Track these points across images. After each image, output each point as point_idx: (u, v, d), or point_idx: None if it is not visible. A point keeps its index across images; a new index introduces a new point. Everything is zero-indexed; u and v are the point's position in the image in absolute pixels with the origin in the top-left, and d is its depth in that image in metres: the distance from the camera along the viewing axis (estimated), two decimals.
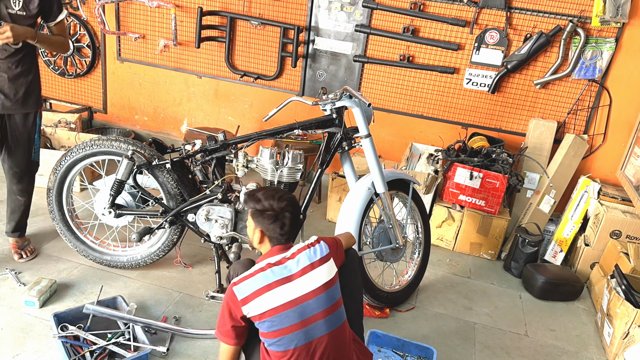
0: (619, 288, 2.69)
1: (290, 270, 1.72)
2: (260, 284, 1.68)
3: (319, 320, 1.69)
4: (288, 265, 1.73)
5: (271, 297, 1.67)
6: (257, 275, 1.70)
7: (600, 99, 3.63)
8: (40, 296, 2.45)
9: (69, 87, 4.92)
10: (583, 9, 3.46)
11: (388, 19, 3.86)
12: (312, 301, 1.69)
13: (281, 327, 1.67)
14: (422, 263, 2.95)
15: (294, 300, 1.68)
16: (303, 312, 1.68)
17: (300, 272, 1.72)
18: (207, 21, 4.22)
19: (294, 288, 1.69)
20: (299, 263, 1.73)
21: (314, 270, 1.73)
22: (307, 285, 1.70)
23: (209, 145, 2.67)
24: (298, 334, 1.67)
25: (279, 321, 1.67)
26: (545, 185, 3.57)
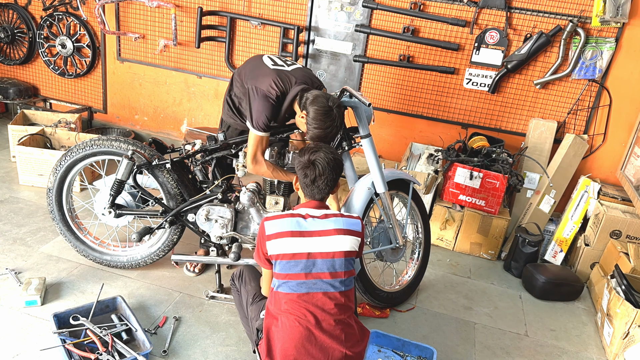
0: (619, 288, 2.69)
1: (315, 227, 1.87)
2: (285, 228, 1.86)
3: (323, 279, 1.84)
4: (315, 223, 1.88)
5: (289, 243, 1.85)
6: (287, 219, 1.88)
7: (600, 99, 3.63)
8: (40, 294, 2.46)
9: (69, 87, 4.92)
10: (583, 9, 3.46)
11: (388, 19, 3.86)
12: (321, 261, 1.85)
13: (289, 272, 1.84)
14: (422, 263, 2.96)
15: (306, 253, 1.85)
16: (311, 266, 1.84)
17: (322, 232, 1.87)
18: (207, 21, 4.22)
19: (311, 243, 1.85)
20: (325, 225, 1.88)
21: (337, 236, 1.87)
22: (324, 245, 1.86)
23: (208, 145, 2.67)
24: (301, 283, 1.84)
25: (289, 267, 1.85)
26: (545, 185, 3.57)
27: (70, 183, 2.80)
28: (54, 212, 2.82)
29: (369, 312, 2.72)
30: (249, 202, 2.55)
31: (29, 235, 3.08)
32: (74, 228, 2.87)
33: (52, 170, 2.75)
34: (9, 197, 3.53)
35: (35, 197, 3.58)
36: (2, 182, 3.73)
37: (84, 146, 2.68)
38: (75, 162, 2.72)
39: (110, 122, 4.94)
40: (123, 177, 2.61)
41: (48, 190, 2.79)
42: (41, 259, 2.86)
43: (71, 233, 2.86)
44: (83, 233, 2.89)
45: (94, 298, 2.42)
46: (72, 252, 2.95)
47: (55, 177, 2.75)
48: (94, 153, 2.68)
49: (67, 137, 4.02)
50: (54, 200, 2.79)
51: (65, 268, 2.81)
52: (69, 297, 2.57)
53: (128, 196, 2.79)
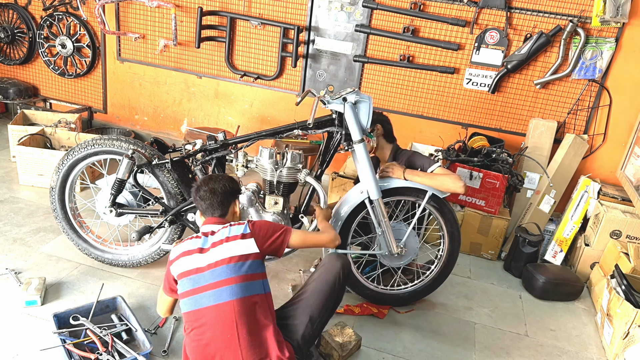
0: (619, 288, 2.69)
1: (206, 243, 1.94)
2: (184, 249, 1.95)
3: (207, 291, 1.85)
4: (209, 238, 1.95)
5: (186, 262, 1.92)
6: (187, 241, 1.98)
7: (600, 99, 3.63)
8: (40, 294, 2.46)
9: (69, 87, 4.92)
10: (583, 9, 3.46)
11: (388, 19, 3.86)
12: (207, 273, 1.87)
13: (181, 291, 1.92)
14: (436, 280, 2.80)
15: (192, 270, 1.90)
16: (197, 281, 1.88)
17: (211, 245, 1.92)
18: (207, 21, 4.22)
19: (202, 258, 1.90)
20: (216, 237, 1.94)
21: (222, 245, 1.91)
22: (211, 258, 1.90)
23: (208, 145, 2.67)
24: (189, 300, 1.88)
25: (181, 285, 1.92)
26: (545, 185, 3.57)
27: (72, 182, 2.82)
28: (57, 211, 2.84)
29: (366, 310, 2.72)
30: (248, 202, 2.54)
31: (29, 235, 3.08)
32: (76, 226, 2.89)
33: (55, 169, 2.77)
34: (9, 197, 3.53)
35: (35, 197, 3.57)
36: (2, 182, 3.73)
37: (86, 145, 2.69)
38: (78, 161, 2.74)
39: (110, 122, 4.94)
40: (123, 176, 2.62)
41: (51, 188, 2.80)
42: (41, 259, 2.86)
43: (74, 231, 2.88)
44: (85, 231, 2.91)
45: (94, 298, 2.42)
46: (72, 252, 2.95)
47: (58, 176, 2.77)
48: (95, 152, 2.70)
49: (67, 137, 4.02)
50: (57, 199, 2.81)
51: (65, 268, 2.81)
52: (69, 297, 2.57)
53: (129, 195, 2.82)
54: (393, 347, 2.51)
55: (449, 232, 2.68)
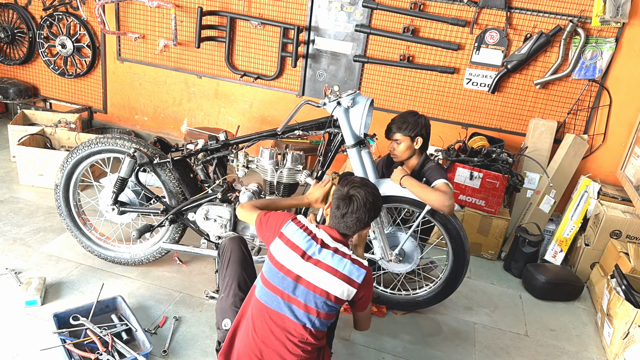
0: (619, 288, 2.69)
1: (315, 254, 1.80)
2: (294, 238, 1.83)
3: (296, 307, 1.80)
4: (321, 251, 1.81)
5: (286, 252, 1.82)
6: (303, 232, 1.84)
7: (600, 99, 3.63)
8: (40, 294, 2.46)
9: (69, 87, 4.92)
10: (583, 9, 3.46)
11: (388, 19, 3.86)
12: (305, 289, 1.79)
13: (272, 280, 1.83)
14: (438, 294, 2.69)
15: (296, 275, 1.80)
16: (293, 288, 1.80)
17: (317, 260, 1.80)
18: (207, 21, 4.22)
19: (303, 266, 1.80)
20: (329, 259, 1.80)
21: (330, 275, 1.78)
22: (312, 275, 1.79)
23: (210, 145, 2.67)
24: (277, 298, 1.81)
25: (274, 275, 1.83)
26: (545, 185, 3.57)
27: (76, 179, 2.86)
28: (61, 208, 2.88)
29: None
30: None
31: (29, 235, 3.08)
32: (80, 224, 2.92)
33: (60, 166, 2.81)
34: (9, 197, 3.53)
35: (35, 197, 3.57)
36: (2, 182, 3.73)
37: (90, 144, 2.73)
38: (82, 160, 2.77)
39: (110, 122, 4.94)
40: (125, 175, 2.64)
41: (55, 186, 2.84)
42: (41, 259, 2.86)
43: (77, 229, 2.92)
44: (89, 229, 2.94)
45: (94, 298, 2.42)
46: (72, 252, 2.95)
47: (62, 174, 2.81)
48: (99, 151, 2.73)
49: (67, 137, 4.02)
50: (61, 197, 2.85)
51: (65, 268, 2.81)
52: (69, 297, 2.57)
53: (132, 194, 2.85)
54: (393, 347, 2.51)
55: (453, 249, 2.54)
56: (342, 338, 2.52)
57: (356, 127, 2.40)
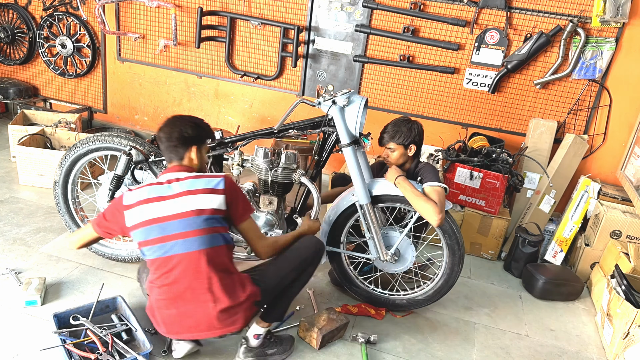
0: (619, 288, 2.69)
1: (169, 192, 1.94)
2: (142, 196, 1.94)
3: (177, 240, 1.90)
4: (172, 187, 1.94)
5: (147, 210, 1.93)
6: (145, 188, 1.96)
7: (600, 99, 3.63)
8: (40, 294, 2.46)
9: (69, 87, 4.92)
10: (583, 9, 3.46)
11: (388, 19, 3.86)
12: (175, 222, 1.90)
13: (146, 238, 1.94)
14: (435, 293, 2.68)
15: (160, 217, 1.92)
16: (164, 229, 1.91)
17: (176, 195, 1.93)
18: (207, 21, 4.22)
19: (164, 207, 1.92)
20: (181, 187, 1.94)
21: (190, 196, 1.92)
22: (177, 207, 1.91)
23: None
24: (159, 247, 1.92)
25: (146, 233, 1.93)
26: (546, 185, 3.57)
27: (75, 176, 2.89)
28: (60, 205, 2.92)
29: (363, 311, 2.72)
30: None
31: (29, 235, 3.08)
32: (78, 220, 2.97)
33: (58, 164, 2.86)
34: (9, 197, 3.53)
35: (35, 197, 3.57)
36: (2, 182, 3.73)
37: (87, 141, 2.77)
38: (80, 157, 2.82)
39: (110, 122, 4.94)
40: (121, 173, 2.67)
41: (54, 182, 2.88)
42: (41, 259, 2.86)
43: (76, 225, 2.97)
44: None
45: (94, 298, 2.42)
46: (72, 252, 2.95)
47: (61, 171, 2.85)
48: (97, 148, 2.78)
49: (67, 137, 4.02)
50: (60, 193, 2.89)
51: (65, 268, 2.81)
52: (69, 297, 2.57)
53: None
54: (393, 347, 2.51)
55: (448, 245, 2.53)
56: (342, 338, 2.52)
57: (352, 125, 2.41)
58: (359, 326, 2.63)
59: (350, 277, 2.77)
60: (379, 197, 2.52)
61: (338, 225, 2.64)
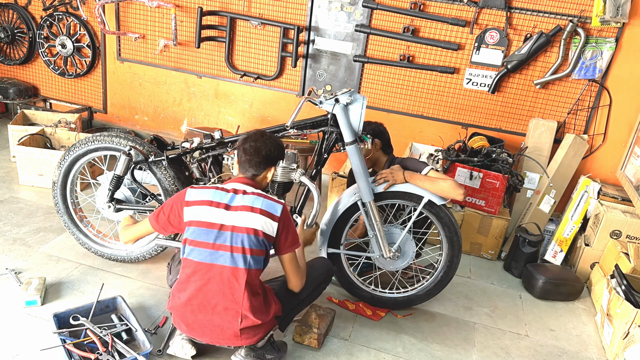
0: (619, 288, 2.69)
1: (232, 201, 1.99)
2: (206, 197, 1.99)
3: (225, 252, 1.95)
4: (236, 198, 1.99)
5: (207, 212, 1.97)
6: (210, 189, 2.01)
7: (600, 99, 3.63)
8: (40, 294, 2.46)
9: (69, 87, 4.92)
10: (583, 9, 3.46)
11: (388, 19, 3.86)
12: (229, 234, 1.95)
13: (196, 238, 1.97)
14: (436, 286, 2.72)
15: (216, 224, 1.96)
16: (217, 237, 1.96)
17: (237, 207, 1.98)
18: (207, 21, 4.22)
19: (223, 215, 1.97)
20: (244, 200, 1.99)
21: (250, 213, 1.96)
22: (235, 220, 1.96)
23: (205, 143, 2.68)
24: (205, 251, 1.96)
25: (198, 233, 1.97)
26: (546, 185, 3.56)
27: (74, 177, 2.89)
28: (59, 205, 2.91)
29: (360, 310, 2.72)
30: None
31: (29, 235, 3.08)
32: (77, 221, 2.95)
33: (57, 164, 2.85)
34: (9, 197, 3.53)
35: (35, 197, 3.57)
36: (2, 182, 3.73)
37: (86, 141, 2.76)
38: (78, 157, 2.81)
39: (110, 122, 4.94)
40: (121, 173, 2.67)
41: (53, 183, 2.87)
42: (41, 259, 2.86)
43: (75, 225, 2.94)
44: (86, 226, 2.96)
45: (94, 298, 2.42)
46: (72, 252, 2.95)
47: (60, 171, 2.85)
48: (96, 148, 2.76)
49: (67, 137, 4.02)
50: (59, 193, 2.88)
51: (65, 268, 2.81)
52: (69, 297, 2.57)
53: (128, 191, 2.87)
54: (393, 347, 2.51)
55: (448, 237, 2.60)
56: (342, 338, 2.52)
57: (355, 123, 2.44)
58: (362, 326, 2.63)
59: (350, 278, 2.76)
60: (381, 195, 2.55)
61: (337, 226, 2.65)
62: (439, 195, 2.51)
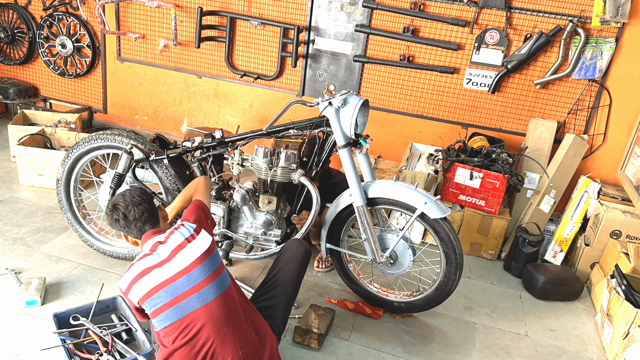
0: (619, 288, 2.69)
1: (161, 256, 1.83)
2: (135, 273, 1.82)
3: (191, 296, 1.80)
4: (159, 251, 1.84)
5: (145, 282, 1.81)
6: (134, 266, 1.84)
7: (600, 99, 3.63)
8: (40, 294, 2.46)
9: (69, 87, 4.92)
10: (583, 9, 3.46)
11: (388, 19, 3.86)
12: (183, 279, 1.81)
13: (156, 307, 1.80)
14: (434, 298, 2.61)
15: (164, 281, 1.80)
16: (174, 290, 1.79)
17: (170, 254, 1.83)
18: (207, 21, 4.22)
19: (165, 270, 1.81)
20: (169, 246, 1.85)
21: (183, 250, 1.85)
22: (177, 265, 1.82)
23: (206, 143, 2.69)
24: (170, 311, 1.79)
25: (154, 302, 1.80)
26: (546, 185, 3.56)
27: (77, 174, 2.92)
28: (62, 202, 2.94)
29: (360, 309, 2.73)
30: (242, 200, 2.55)
31: (29, 235, 3.08)
32: (80, 218, 2.99)
33: (61, 162, 2.89)
34: (9, 197, 3.53)
35: (35, 197, 3.57)
36: (2, 182, 3.73)
37: (90, 139, 2.79)
38: (82, 155, 2.85)
39: (110, 122, 4.94)
40: (122, 171, 2.69)
41: (57, 180, 2.91)
42: (41, 259, 2.86)
43: (78, 222, 2.98)
44: (89, 223, 3.00)
45: (94, 298, 2.42)
46: (72, 252, 2.95)
47: (63, 169, 2.88)
48: (98, 147, 2.80)
49: (67, 137, 4.02)
50: (63, 191, 2.92)
51: (65, 268, 2.81)
52: (69, 297, 2.57)
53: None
54: (393, 347, 2.51)
55: (445, 252, 2.47)
56: (342, 338, 2.52)
57: (346, 127, 2.39)
58: (362, 326, 2.63)
59: (351, 275, 2.77)
60: (374, 200, 2.51)
61: (339, 223, 2.65)
62: (439, 207, 2.39)
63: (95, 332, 2.22)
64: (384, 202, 2.51)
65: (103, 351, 2.13)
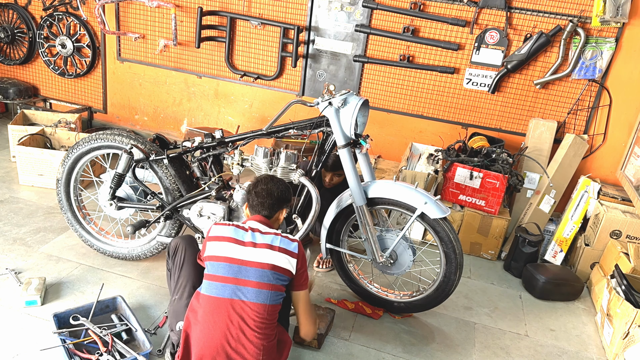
0: (619, 288, 2.69)
1: (250, 239, 1.98)
2: (228, 234, 1.99)
3: (249, 287, 1.91)
4: (255, 235, 1.99)
5: (225, 246, 1.96)
6: (231, 226, 2.02)
7: (600, 99, 3.63)
8: (40, 294, 2.46)
9: (69, 87, 4.92)
10: (583, 9, 3.46)
11: (388, 19, 3.86)
12: (252, 269, 1.93)
13: (215, 273, 1.94)
14: (433, 298, 2.60)
15: (237, 259, 1.93)
16: (238, 272, 1.93)
17: (257, 244, 1.97)
18: (207, 21, 4.22)
19: (243, 251, 1.95)
20: (263, 239, 1.98)
21: (270, 251, 1.96)
22: (256, 256, 1.94)
23: (206, 143, 2.69)
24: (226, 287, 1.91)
25: (215, 268, 1.94)
26: (545, 185, 3.56)
27: (77, 174, 2.92)
28: (62, 202, 2.94)
29: (360, 309, 2.73)
30: (242, 200, 2.55)
31: (29, 235, 3.08)
32: (80, 218, 2.99)
33: (61, 162, 2.89)
34: (9, 197, 3.53)
35: (35, 197, 3.57)
36: (2, 182, 3.73)
37: (89, 139, 2.79)
38: (82, 155, 2.84)
39: (110, 122, 4.94)
40: (122, 171, 2.69)
41: (57, 180, 2.91)
42: (41, 259, 2.86)
43: (77, 222, 2.98)
44: (89, 223, 3.00)
45: (94, 298, 2.42)
46: (72, 252, 2.95)
47: (63, 169, 2.89)
48: (98, 147, 2.80)
49: (67, 137, 4.02)
50: (63, 191, 2.92)
51: (65, 268, 2.81)
52: (69, 297, 2.57)
53: (130, 189, 2.91)
54: (393, 347, 2.51)
55: (445, 252, 2.47)
56: (342, 338, 2.52)
57: (346, 127, 2.40)
58: (362, 326, 2.63)
59: (351, 275, 2.77)
60: (374, 200, 2.51)
61: (339, 223, 2.65)
62: (439, 207, 2.39)
63: (95, 332, 2.22)
64: (384, 202, 2.51)
65: (103, 351, 2.13)
